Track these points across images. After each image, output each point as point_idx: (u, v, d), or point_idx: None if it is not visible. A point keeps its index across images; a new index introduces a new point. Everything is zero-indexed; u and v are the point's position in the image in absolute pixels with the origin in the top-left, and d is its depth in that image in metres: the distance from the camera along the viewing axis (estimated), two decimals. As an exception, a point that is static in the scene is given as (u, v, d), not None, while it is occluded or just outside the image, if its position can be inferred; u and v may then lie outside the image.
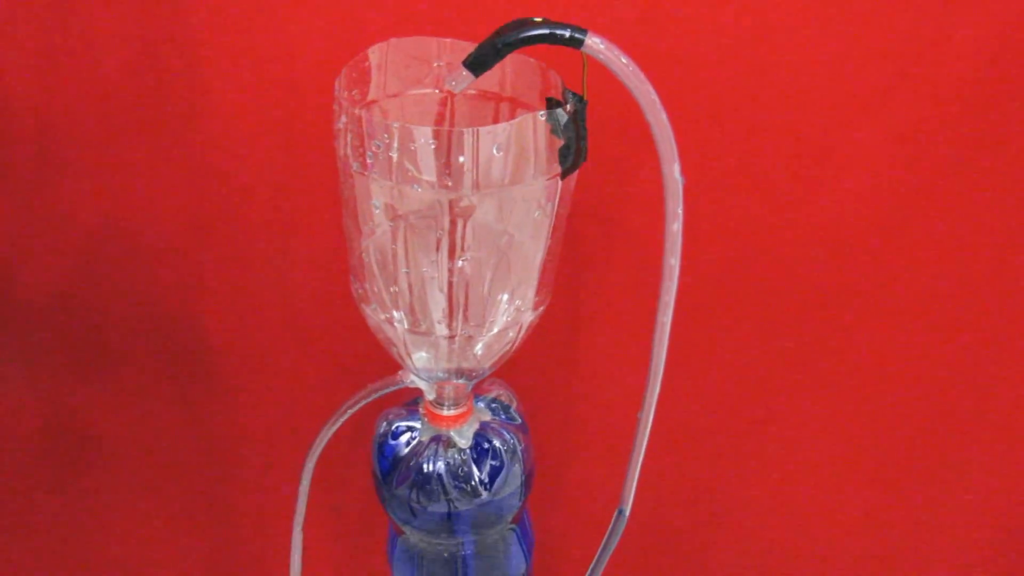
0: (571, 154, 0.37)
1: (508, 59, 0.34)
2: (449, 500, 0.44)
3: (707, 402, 0.66)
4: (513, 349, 0.43)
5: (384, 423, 0.47)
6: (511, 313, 0.42)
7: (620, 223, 0.59)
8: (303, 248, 0.62)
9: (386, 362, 0.45)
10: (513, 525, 0.48)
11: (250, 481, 0.74)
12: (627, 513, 0.45)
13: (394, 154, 0.35)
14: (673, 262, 0.38)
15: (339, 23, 0.54)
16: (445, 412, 0.45)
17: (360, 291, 0.42)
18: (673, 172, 0.36)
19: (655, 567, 0.75)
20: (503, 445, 0.45)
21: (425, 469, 0.44)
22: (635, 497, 0.45)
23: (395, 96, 0.42)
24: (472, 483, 0.44)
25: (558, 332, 0.63)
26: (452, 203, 0.37)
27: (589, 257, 0.60)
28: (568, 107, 0.36)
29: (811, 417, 0.66)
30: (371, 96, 0.41)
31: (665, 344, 0.40)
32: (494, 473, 0.45)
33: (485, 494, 0.44)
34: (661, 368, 0.41)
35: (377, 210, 0.39)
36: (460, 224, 0.38)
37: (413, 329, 0.41)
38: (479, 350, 0.42)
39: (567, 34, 0.34)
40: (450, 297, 0.40)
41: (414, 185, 0.36)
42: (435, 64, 0.41)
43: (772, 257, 0.59)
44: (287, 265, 0.63)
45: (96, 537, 0.78)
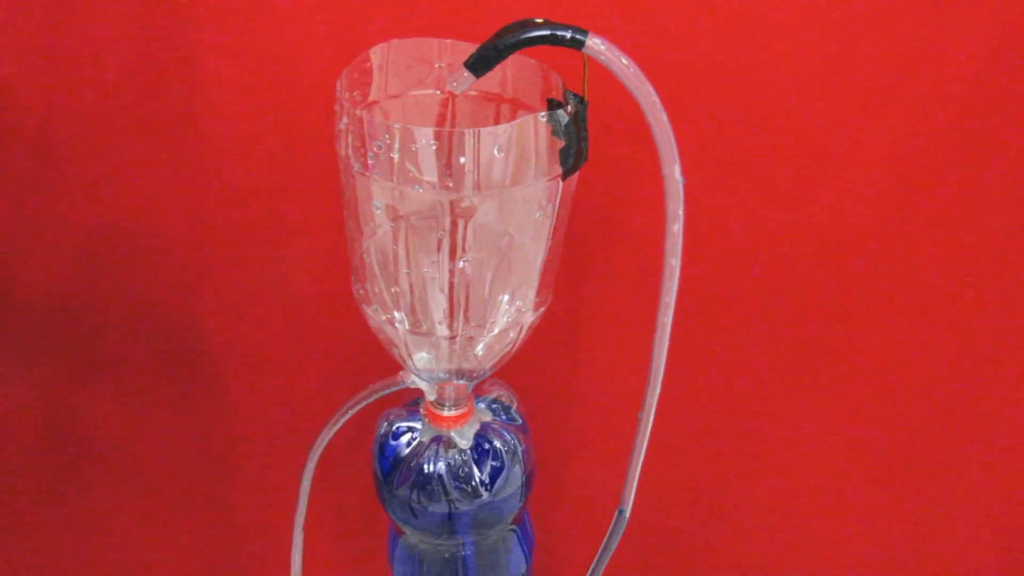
0: (572, 155, 0.37)
1: (509, 60, 0.34)
2: (450, 501, 0.44)
3: (707, 402, 0.66)
4: (514, 350, 0.43)
5: (385, 423, 0.47)
6: (512, 314, 0.42)
7: (621, 224, 0.59)
8: (303, 249, 0.62)
9: (387, 363, 0.45)
10: (513, 526, 0.48)
11: (250, 481, 0.74)
12: (627, 513, 0.45)
13: (395, 155, 0.35)
14: (674, 263, 0.38)
15: (340, 24, 0.54)
16: (446, 413, 0.45)
17: (361, 292, 0.42)
18: (674, 173, 0.36)
19: (655, 567, 0.75)
20: (504, 446, 0.45)
21: (426, 470, 0.44)
22: (635, 497, 0.45)
23: (396, 97, 0.42)
24: (473, 484, 0.44)
25: (559, 333, 0.63)
26: (453, 204, 0.37)
27: (590, 258, 0.60)
28: (569, 108, 0.36)
29: (811, 417, 0.66)
30: (372, 97, 0.41)
31: (666, 344, 0.40)
32: (495, 474, 0.45)
33: (486, 495, 0.44)
34: (662, 368, 0.41)
35: (378, 211, 0.39)
36: (461, 225, 0.38)
37: (414, 330, 0.41)
38: (480, 351, 0.42)
39: (568, 35, 0.34)
40: (451, 298, 0.40)
41: (415, 186, 0.36)
42: (436, 65, 0.41)
43: (772, 257, 0.59)
44: (287, 266, 0.63)
45: (96, 537, 0.78)
